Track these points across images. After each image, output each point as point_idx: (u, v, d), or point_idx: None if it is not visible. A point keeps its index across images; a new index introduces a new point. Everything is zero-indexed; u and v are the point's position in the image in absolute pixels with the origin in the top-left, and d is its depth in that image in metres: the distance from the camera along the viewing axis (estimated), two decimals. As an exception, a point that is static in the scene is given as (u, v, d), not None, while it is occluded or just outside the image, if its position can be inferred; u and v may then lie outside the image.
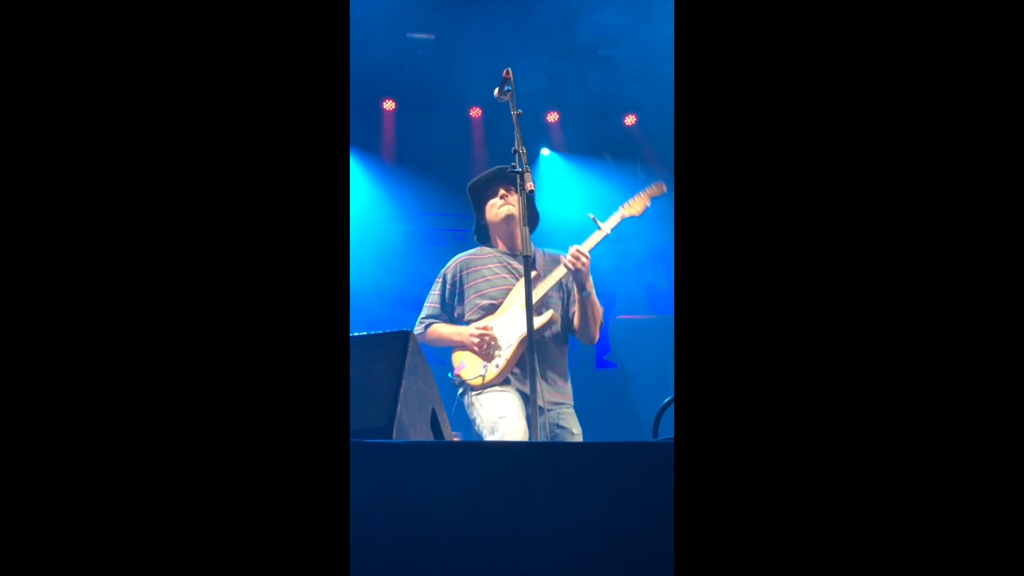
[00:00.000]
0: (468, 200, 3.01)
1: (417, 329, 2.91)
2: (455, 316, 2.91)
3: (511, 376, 2.72)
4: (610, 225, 2.80)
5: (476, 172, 3.08)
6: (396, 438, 1.60)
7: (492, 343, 2.72)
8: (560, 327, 2.84)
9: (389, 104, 5.36)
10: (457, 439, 2.74)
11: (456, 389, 2.81)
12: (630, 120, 5.57)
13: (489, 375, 2.69)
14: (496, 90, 2.60)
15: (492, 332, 2.74)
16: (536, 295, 2.70)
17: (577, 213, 4.76)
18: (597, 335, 2.86)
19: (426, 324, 2.91)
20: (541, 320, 2.73)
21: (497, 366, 2.70)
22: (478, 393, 2.71)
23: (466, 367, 2.76)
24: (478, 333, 2.73)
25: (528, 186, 2.34)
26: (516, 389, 2.73)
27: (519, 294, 2.73)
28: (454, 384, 2.81)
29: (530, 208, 2.89)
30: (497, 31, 4.64)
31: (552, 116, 5.47)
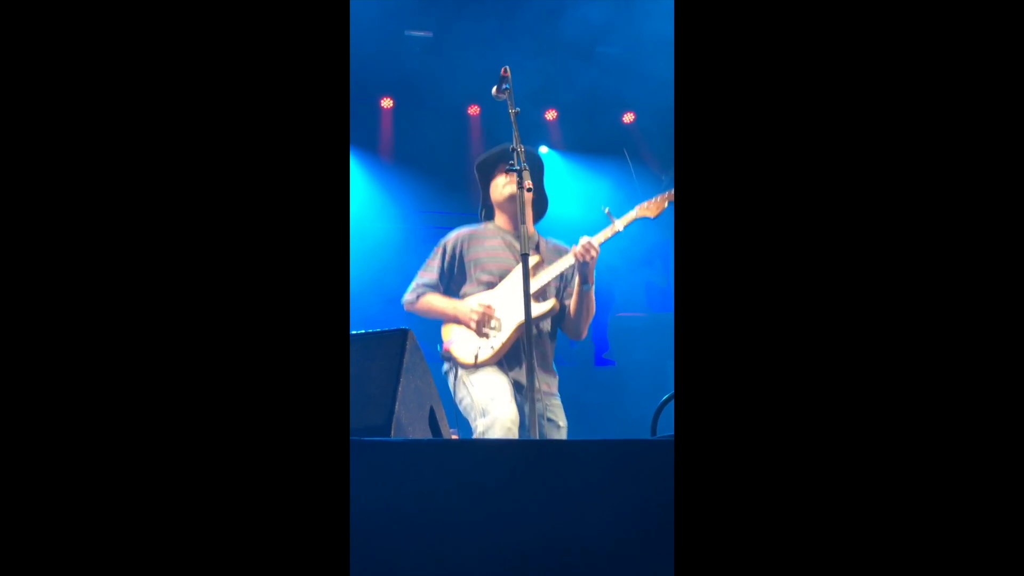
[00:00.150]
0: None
1: (408, 296, 2.82)
2: (453, 290, 2.82)
3: (503, 360, 2.65)
4: (624, 223, 2.76)
5: (474, 171, 3.04)
6: (394, 436, 1.60)
7: (491, 323, 2.65)
8: (551, 322, 2.79)
9: (387, 102, 5.35)
10: (455, 437, 2.72)
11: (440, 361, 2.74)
12: (628, 118, 5.58)
13: (482, 357, 2.63)
14: (494, 88, 2.59)
15: (493, 312, 2.67)
16: (539, 282, 2.66)
17: (575, 211, 4.76)
18: (586, 332, 2.82)
19: (419, 292, 2.82)
20: (543, 308, 2.69)
21: (492, 348, 2.63)
22: (469, 372, 2.64)
23: (457, 344, 2.69)
24: (480, 311, 2.66)
25: (527, 184, 2.34)
26: (505, 374, 2.66)
27: (519, 276, 2.64)
28: (441, 358, 2.74)
29: (537, 193, 2.86)
30: (495, 29, 4.63)
31: (551, 114, 5.47)
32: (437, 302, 2.77)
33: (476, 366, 2.63)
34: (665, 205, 2.81)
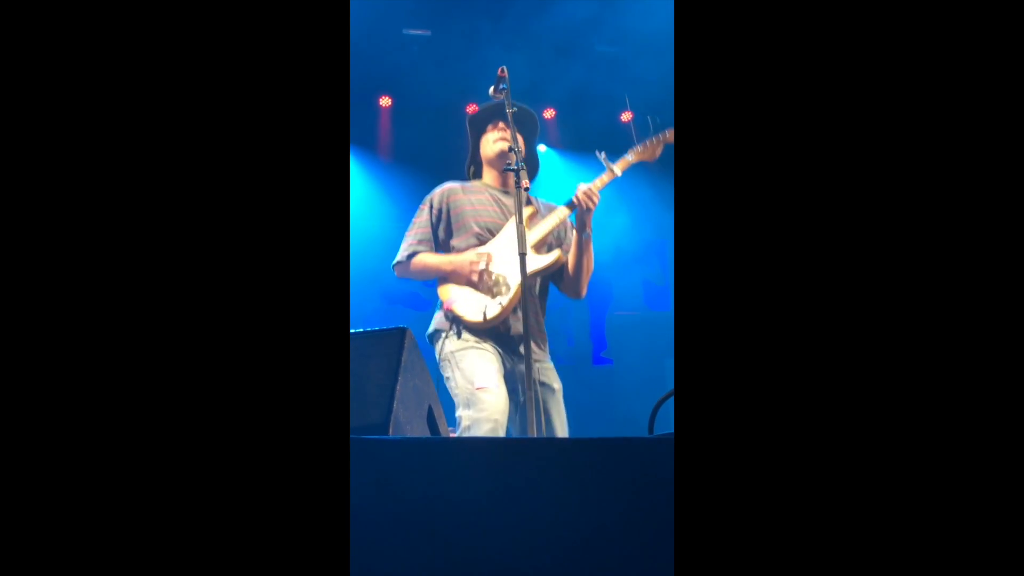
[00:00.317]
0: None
1: (398, 258, 2.68)
2: (441, 247, 2.66)
3: (509, 321, 2.49)
4: (620, 168, 2.64)
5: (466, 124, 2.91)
6: (392, 434, 1.60)
7: (493, 276, 2.49)
8: (540, 281, 2.67)
9: (385, 100, 5.36)
10: (454, 435, 2.71)
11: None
12: (626, 117, 5.58)
13: (491, 313, 2.45)
14: (492, 88, 2.60)
15: (492, 258, 2.51)
16: (537, 233, 2.56)
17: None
18: (585, 288, 2.67)
19: (411, 252, 2.64)
20: (548, 259, 2.56)
21: (501, 304, 2.46)
22: (455, 349, 2.49)
23: (460, 303, 2.51)
24: (480, 260, 2.50)
25: (524, 184, 2.34)
26: (495, 347, 2.50)
27: (512, 231, 2.50)
28: (446, 318, 2.55)
29: (529, 154, 2.75)
30: (494, 27, 4.64)
31: (549, 112, 5.48)
32: (431, 259, 2.62)
33: (485, 324, 2.46)
34: (661, 148, 2.69)
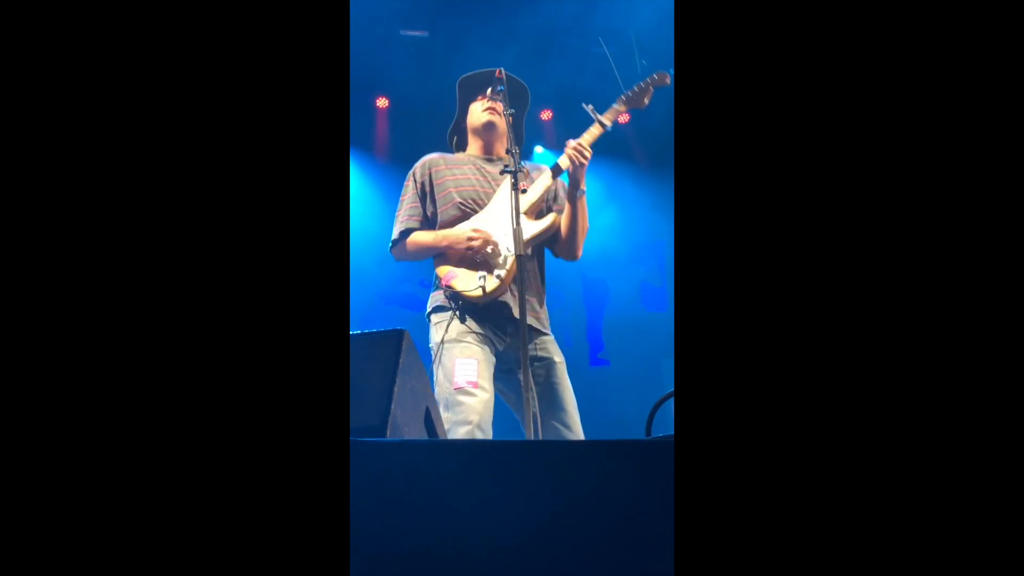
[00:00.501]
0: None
1: (393, 239, 2.63)
2: (429, 219, 2.61)
3: (509, 293, 2.42)
4: (610, 118, 2.58)
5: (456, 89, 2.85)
6: (390, 437, 1.60)
7: (489, 248, 2.42)
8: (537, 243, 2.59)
9: (382, 101, 5.36)
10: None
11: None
12: (623, 118, 5.59)
13: (490, 286, 2.38)
14: (489, 90, 2.59)
15: (490, 236, 2.44)
16: (529, 198, 2.50)
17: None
18: (581, 249, 2.58)
19: (404, 232, 2.58)
20: (544, 224, 2.50)
21: (499, 277, 2.39)
22: (442, 340, 2.41)
23: (458, 277, 2.44)
24: (475, 235, 2.42)
25: (522, 186, 2.34)
26: (486, 336, 2.43)
27: (504, 199, 2.47)
28: (445, 295, 2.48)
29: (517, 126, 2.67)
30: (491, 28, 4.64)
31: (546, 114, 5.48)
32: (425, 237, 2.55)
33: (486, 297, 2.38)
34: (651, 93, 2.62)
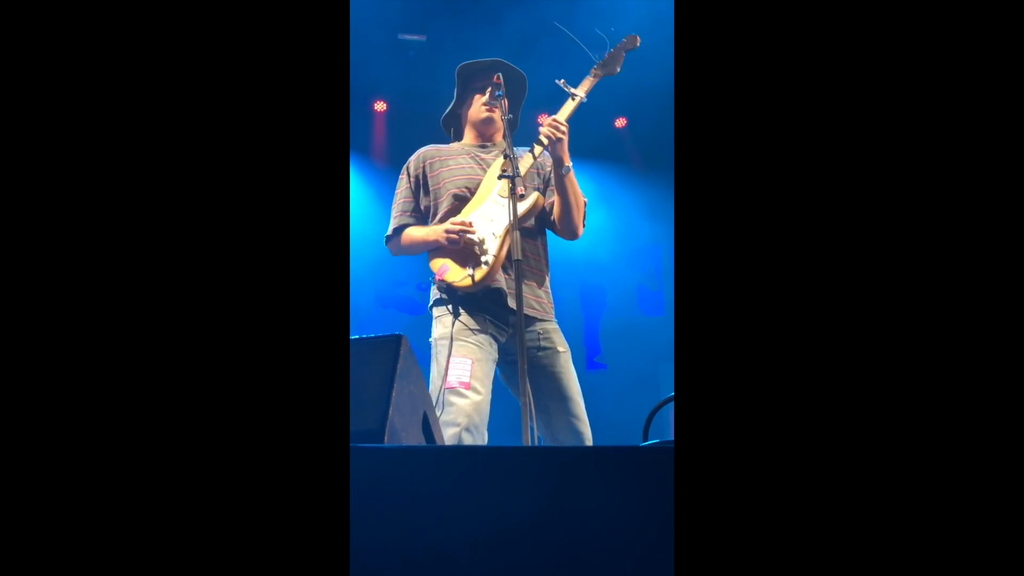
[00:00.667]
0: None
1: (388, 235, 2.63)
2: (424, 211, 2.60)
3: (500, 279, 2.41)
4: (584, 89, 2.55)
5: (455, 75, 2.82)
6: (387, 442, 1.60)
7: (473, 239, 2.40)
8: (536, 222, 2.58)
9: (380, 105, 5.36)
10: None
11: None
12: (620, 123, 5.60)
13: (479, 273, 2.38)
14: (487, 93, 2.59)
15: (471, 227, 2.42)
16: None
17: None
18: (581, 226, 2.56)
19: (398, 228, 2.59)
20: (526, 205, 2.45)
21: (487, 263, 2.38)
22: (440, 337, 2.42)
23: (450, 270, 2.43)
24: (455, 229, 2.41)
25: (519, 190, 2.33)
26: (489, 335, 2.42)
27: (493, 181, 2.48)
28: (439, 289, 2.49)
29: (513, 116, 2.67)
30: (490, 32, 4.65)
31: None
32: (416, 233, 2.55)
33: (476, 285, 2.38)
34: (622, 59, 2.60)
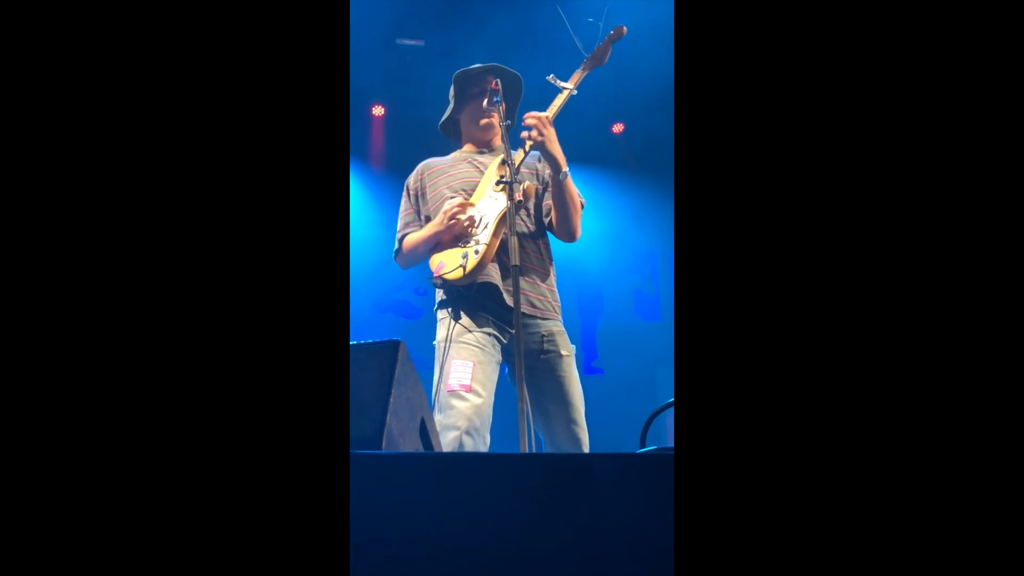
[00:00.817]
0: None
1: (395, 248, 2.64)
2: (426, 221, 2.59)
3: (494, 273, 2.38)
4: (574, 81, 2.51)
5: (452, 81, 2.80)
6: (385, 448, 1.60)
7: (466, 225, 2.39)
8: (535, 218, 2.57)
9: (378, 110, 5.37)
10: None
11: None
12: (617, 128, 5.61)
13: (470, 263, 2.34)
14: (484, 101, 2.59)
15: (464, 209, 2.41)
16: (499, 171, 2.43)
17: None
18: (578, 228, 2.52)
19: (401, 238, 2.59)
20: (517, 195, 2.39)
21: (477, 252, 2.35)
22: (443, 339, 2.39)
23: (445, 265, 2.42)
24: (450, 212, 2.40)
25: (517, 196, 2.33)
26: (492, 335, 2.40)
27: (491, 178, 2.47)
28: (435, 286, 2.48)
29: (511, 119, 2.65)
30: (488, 38, 4.65)
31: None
32: (415, 235, 2.56)
33: (468, 276, 2.35)
34: (609, 49, 2.58)
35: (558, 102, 2.50)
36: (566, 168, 2.44)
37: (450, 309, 2.44)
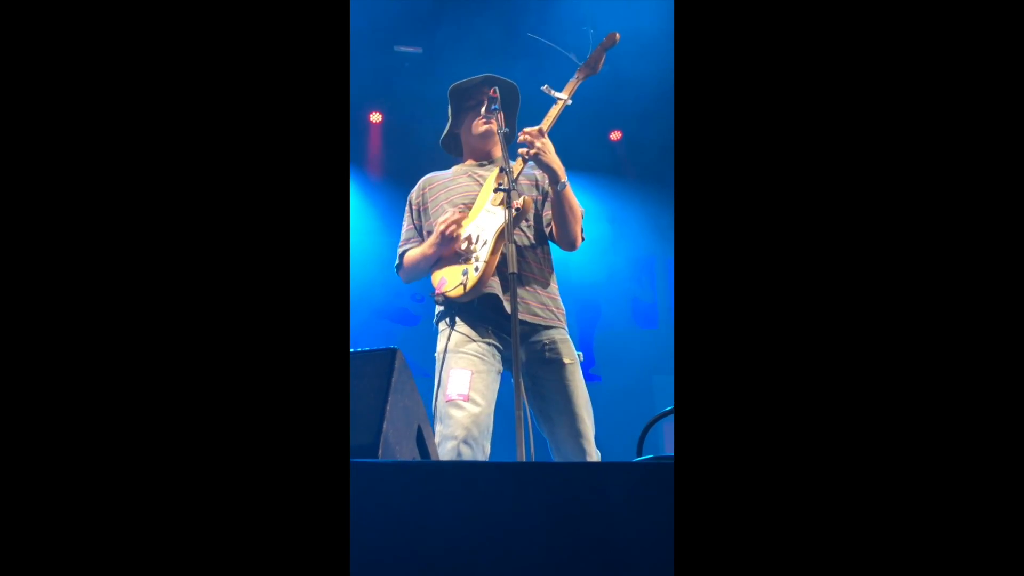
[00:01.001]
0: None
1: (396, 263, 2.65)
2: (427, 236, 2.59)
3: (495, 284, 2.39)
4: (569, 91, 2.53)
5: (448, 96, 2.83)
6: (381, 456, 1.60)
7: (462, 242, 2.41)
8: (535, 228, 2.57)
9: (376, 117, 5.37)
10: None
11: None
12: (615, 136, 5.62)
13: (471, 281, 2.36)
14: (483, 109, 2.59)
15: (461, 219, 2.44)
16: (498, 194, 2.43)
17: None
18: (579, 236, 2.52)
19: (401, 253, 2.62)
20: (516, 202, 2.39)
21: (477, 269, 2.37)
22: (442, 351, 2.40)
23: (447, 282, 2.43)
24: (442, 229, 2.42)
25: (516, 204, 2.33)
26: (492, 346, 2.40)
27: (489, 191, 2.49)
28: (436, 302, 2.50)
29: (509, 127, 2.66)
30: (486, 44, 4.66)
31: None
32: (414, 250, 2.58)
33: (469, 293, 2.37)
34: (603, 57, 2.60)
35: (552, 113, 2.50)
36: (565, 179, 2.44)
37: (449, 320, 2.45)
